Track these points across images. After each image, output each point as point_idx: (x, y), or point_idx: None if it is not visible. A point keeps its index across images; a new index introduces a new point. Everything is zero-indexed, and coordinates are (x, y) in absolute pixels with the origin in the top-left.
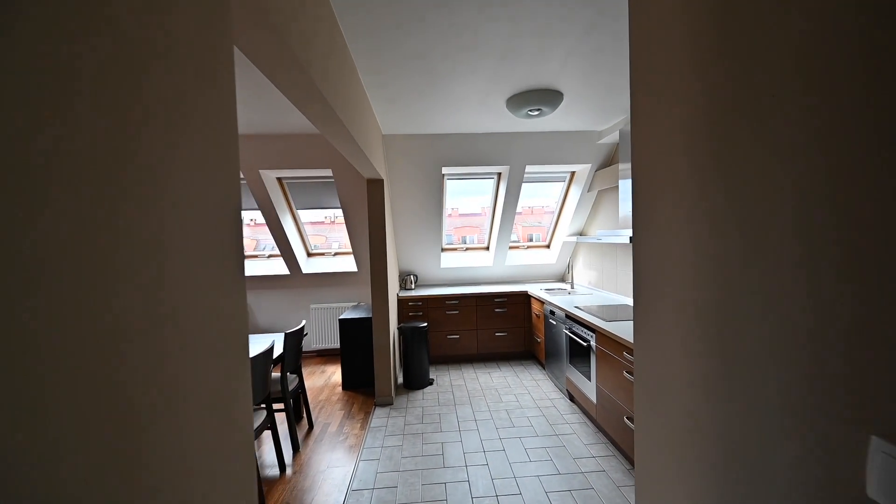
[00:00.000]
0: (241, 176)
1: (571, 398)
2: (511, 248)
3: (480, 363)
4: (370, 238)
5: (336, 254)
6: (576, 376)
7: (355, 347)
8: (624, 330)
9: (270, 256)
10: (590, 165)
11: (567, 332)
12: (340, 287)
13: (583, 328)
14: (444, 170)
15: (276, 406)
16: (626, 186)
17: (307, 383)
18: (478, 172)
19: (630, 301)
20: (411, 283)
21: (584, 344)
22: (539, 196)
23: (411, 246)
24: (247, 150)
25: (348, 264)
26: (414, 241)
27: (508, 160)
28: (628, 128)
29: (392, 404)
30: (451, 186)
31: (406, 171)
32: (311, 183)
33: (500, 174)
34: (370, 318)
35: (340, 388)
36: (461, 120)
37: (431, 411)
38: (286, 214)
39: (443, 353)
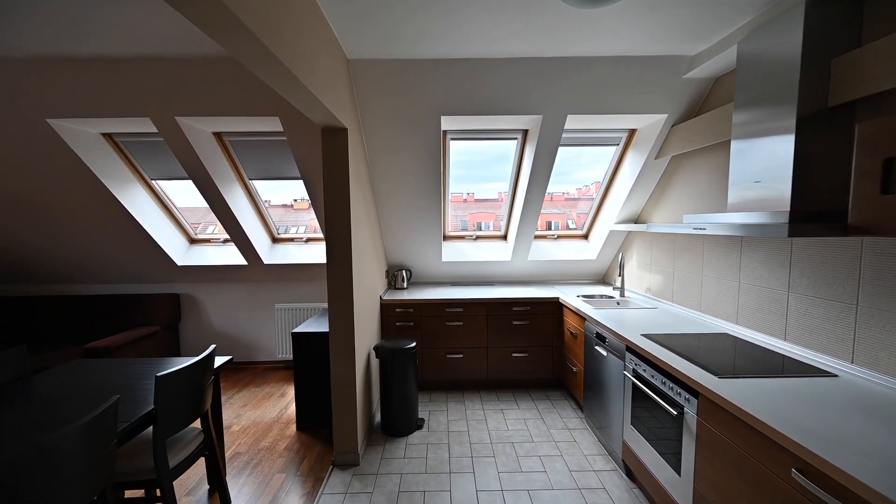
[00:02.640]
0: (153, 129)
1: (630, 474)
2: (536, 237)
3: (491, 392)
4: (325, 212)
5: (308, 240)
6: (643, 449)
7: (316, 372)
8: (763, 396)
9: (226, 241)
10: (664, 117)
11: (630, 374)
12: (317, 283)
13: (664, 377)
14: (445, 122)
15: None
16: (748, 146)
17: (254, 413)
18: (494, 130)
19: (742, 331)
20: (402, 280)
21: (673, 411)
22: (572, 169)
23: (403, 230)
24: (148, 81)
25: (321, 253)
26: (405, 224)
27: (541, 106)
28: (762, 42)
29: (357, 464)
30: (457, 157)
31: (387, 118)
32: (263, 142)
33: (525, 132)
34: None
35: (295, 426)
36: (472, 33)
37: (414, 484)
38: (233, 186)
39: (440, 378)
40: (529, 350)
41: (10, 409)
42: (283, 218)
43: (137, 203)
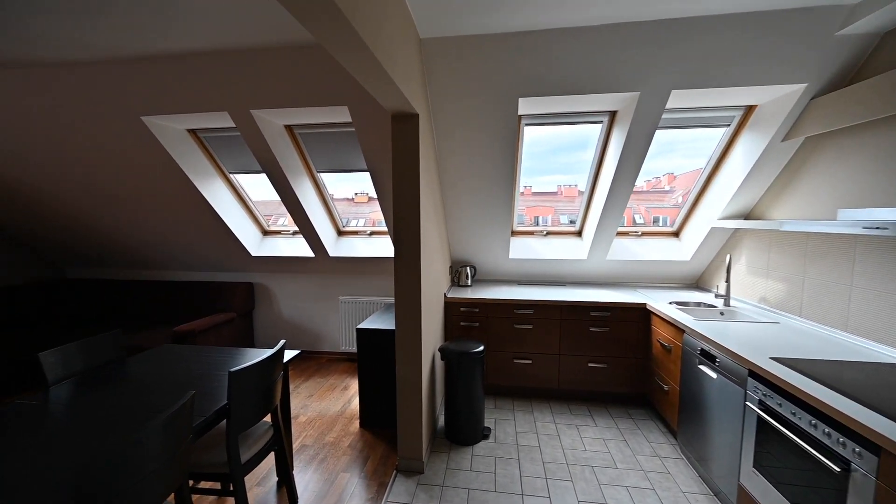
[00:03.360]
0: (229, 123)
1: None
2: (618, 233)
3: (562, 404)
4: (394, 204)
5: (372, 233)
6: (773, 501)
7: (380, 370)
8: None
9: (295, 233)
10: (801, 88)
11: (756, 406)
12: (380, 276)
13: (815, 419)
14: (523, 105)
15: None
16: None
17: (319, 405)
18: (576, 113)
19: None
20: (466, 277)
21: (834, 467)
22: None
23: (468, 224)
24: (226, 75)
25: (386, 247)
26: (472, 217)
27: (640, 82)
28: None
29: (422, 472)
30: (530, 146)
31: (459, 103)
32: (332, 134)
33: (614, 115)
34: None
35: (358, 423)
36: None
37: (483, 503)
38: (303, 179)
39: (506, 383)
40: (608, 360)
41: (105, 391)
42: (345, 211)
43: (217, 196)
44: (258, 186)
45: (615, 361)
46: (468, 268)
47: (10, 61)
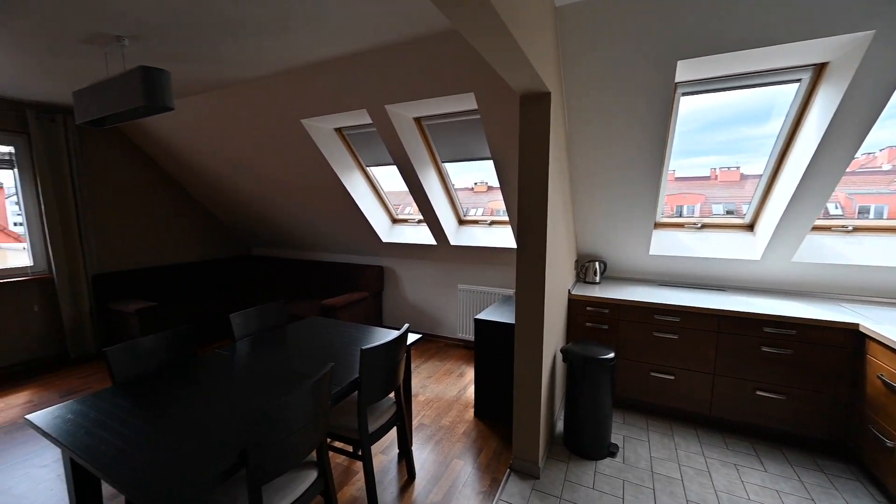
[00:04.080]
0: (367, 119)
1: None
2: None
3: (715, 434)
4: (519, 191)
5: (493, 223)
6: None
7: (496, 361)
8: None
9: (420, 222)
10: None
11: None
12: (497, 267)
13: None
14: (682, 69)
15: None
16: None
17: (437, 388)
18: (758, 73)
19: None
20: (595, 273)
21: None
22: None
23: (601, 213)
24: (364, 75)
25: (506, 237)
26: (606, 205)
27: (878, 15)
28: None
29: (537, 478)
30: (679, 123)
31: (600, 74)
32: (456, 123)
33: (821, 68)
34: None
35: (473, 412)
36: None
37: None
38: (428, 169)
39: (640, 398)
40: (787, 391)
41: (271, 350)
42: (465, 200)
43: (356, 187)
44: (389, 178)
45: (799, 394)
46: (597, 263)
47: (211, 84)
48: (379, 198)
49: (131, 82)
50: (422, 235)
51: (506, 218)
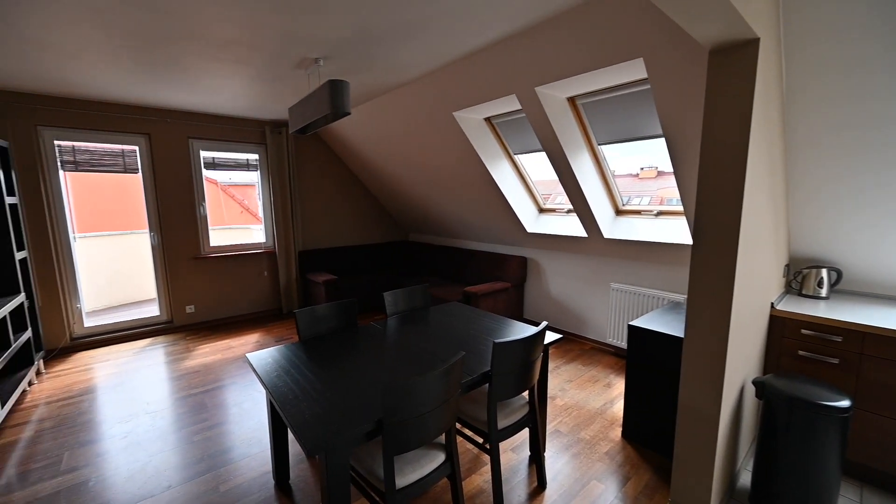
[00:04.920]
0: (516, 105)
1: None
2: None
3: None
4: (701, 175)
5: (659, 213)
6: None
7: (654, 379)
8: None
9: (569, 212)
10: None
11: None
12: (661, 266)
13: None
14: None
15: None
16: None
17: (578, 394)
18: None
19: None
20: (820, 284)
21: None
22: None
23: (834, 200)
24: (512, 59)
25: (679, 231)
26: (844, 189)
27: None
28: None
29: None
30: None
31: (847, 12)
32: (617, 99)
33: None
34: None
35: (620, 431)
36: None
37: None
38: (581, 154)
39: (891, 470)
40: None
41: (414, 329)
42: (626, 188)
43: (503, 175)
44: (539, 166)
45: None
46: (824, 271)
47: (380, 89)
48: (526, 186)
49: (323, 94)
50: (571, 226)
51: (678, 208)
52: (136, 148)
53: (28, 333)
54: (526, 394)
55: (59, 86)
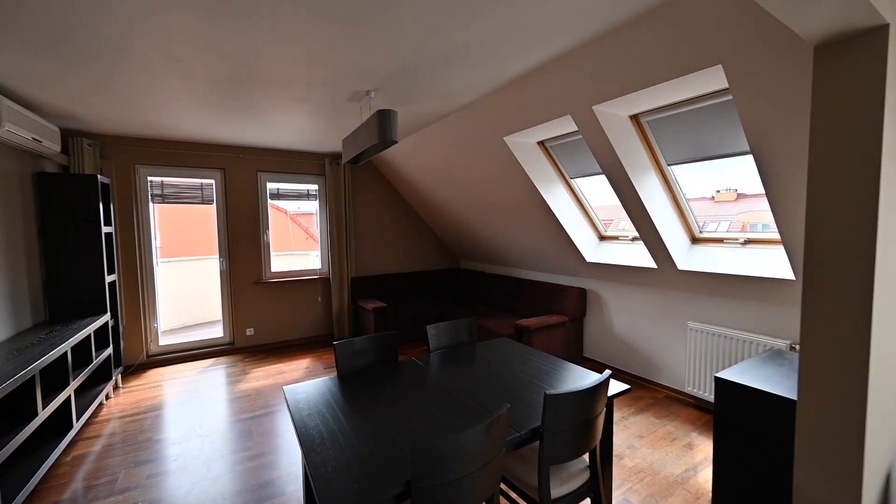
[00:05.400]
0: (572, 127)
1: None
2: None
3: None
4: (809, 190)
5: (747, 241)
6: None
7: (751, 446)
8: None
9: (634, 239)
10: None
11: None
12: (753, 304)
13: None
14: None
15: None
16: None
17: (651, 454)
18: None
19: None
20: None
21: None
22: None
23: None
24: (566, 78)
25: (773, 263)
26: None
27: None
28: None
29: None
30: None
31: None
32: (689, 114)
33: None
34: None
35: (710, 500)
36: None
37: None
38: (648, 176)
39: None
40: None
41: (457, 369)
42: (701, 212)
43: (558, 201)
44: (599, 189)
45: None
46: None
47: (430, 118)
48: (584, 212)
49: (372, 124)
50: (637, 256)
51: (769, 235)
52: (213, 181)
53: (109, 350)
54: (587, 456)
55: (154, 129)
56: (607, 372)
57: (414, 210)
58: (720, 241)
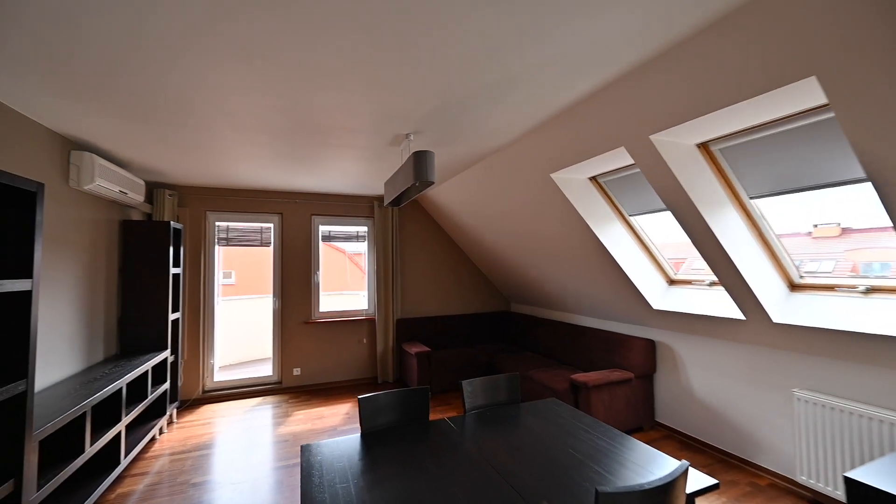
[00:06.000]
0: (627, 160)
1: None
2: None
3: None
4: None
5: (870, 290)
6: None
7: None
8: None
9: (713, 284)
10: None
11: None
12: (888, 373)
13: None
14: None
15: None
16: None
17: None
18: None
19: None
20: None
21: None
22: None
23: None
24: (616, 107)
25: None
26: None
27: None
28: None
29: None
30: None
31: None
32: (772, 137)
33: None
34: None
35: None
36: None
37: None
38: (724, 211)
39: None
40: None
41: (492, 437)
42: (797, 250)
43: (615, 241)
44: (663, 227)
45: None
46: None
47: (471, 159)
48: (648, 252)
49: (409, 166)
50: (718, 304)
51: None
52: (272, 225)
53: (165, 386)
54: None
55: (222, 179)
56: (684, 462)
57: (462, 250)
58: (831, 287)
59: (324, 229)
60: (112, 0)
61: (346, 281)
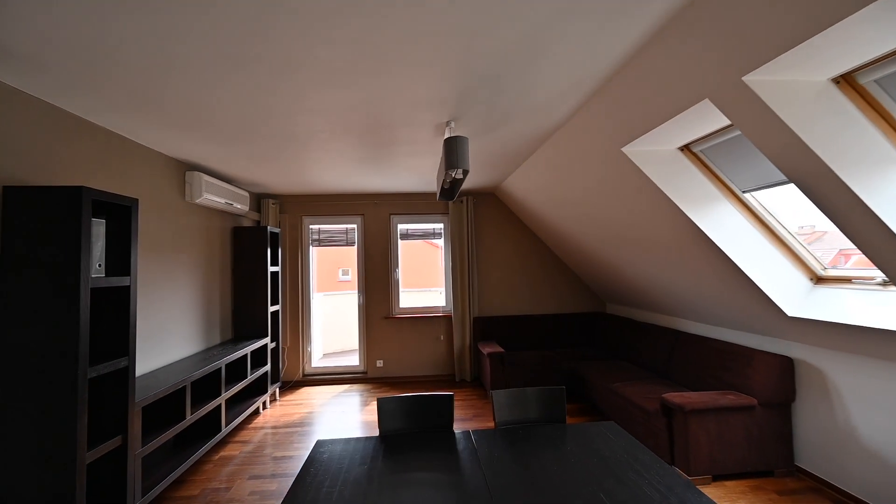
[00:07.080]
0: (719, 119)
1: None
2: None
3: None
4: None
5: None
6: None
7: None
8: None
9: (886, 284)
10: None
11: None
12: None
13: None
14: None
15: None
16: None
17: None
18: None
19: None
20: None
21: None
22: None
23: None
24: (686, 46)
25: None
26: None
27: None
28: None
29: None
30: None
31: None
32: None
33: None
34: None
35: None
36: None
37: None
38: (883, 171)
39: None
40: None
41: (516, 463)
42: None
43: (722, 225)
44: (795, 203)
45: None
46: None
47: (529, 142)
48: (777, 240)
49: (443, 156)
50: (890, 310)
51: None
52: (356, 226)
53: (265, 368)
54: None
55: (312, 187)
56: None
57: (546, 245)
58: None
59: (402, 228)
60: (199, 62)
61: (436, 277)
